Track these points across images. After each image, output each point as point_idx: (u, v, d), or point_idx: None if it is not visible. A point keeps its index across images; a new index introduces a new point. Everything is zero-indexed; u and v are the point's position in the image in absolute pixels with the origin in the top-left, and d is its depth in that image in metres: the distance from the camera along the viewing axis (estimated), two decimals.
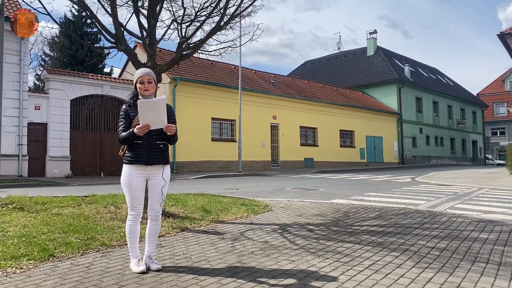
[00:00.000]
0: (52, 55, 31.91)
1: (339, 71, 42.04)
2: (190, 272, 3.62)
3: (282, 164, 25.93)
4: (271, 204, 7.97)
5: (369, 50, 41.07)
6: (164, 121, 3.54)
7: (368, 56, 40.76)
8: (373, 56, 40.23)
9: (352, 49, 45.62)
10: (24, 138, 16.14)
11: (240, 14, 7.21)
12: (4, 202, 6.63)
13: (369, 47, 41.17)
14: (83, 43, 7.25)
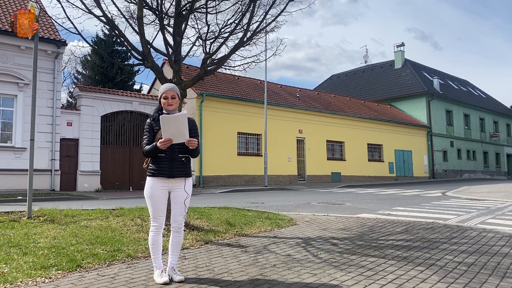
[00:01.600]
0: (84, 73, 33.03)
1: (366, 84, 41.71)
2: (212, 284, 3.65)
3: (309, 179, 25.75)
4: (296, 218, 7.93)
5: (396, 63, 40.64)
6: (185, 135, 3.63)
7: (395, 69, 40.32)
8: (401, 69, 39.76)
9: (380, 62, 45.27)
10: (57, 153, 16.68)
11: (263, 30, 7.32)
12: (36, 215, 6.87)
13: (396, 60, 40.75)
14: (113, 61, 7.51)
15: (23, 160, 15.69)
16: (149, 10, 6.88)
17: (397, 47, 41.09)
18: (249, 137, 23.27)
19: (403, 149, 32.97)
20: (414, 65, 40.63)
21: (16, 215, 6.91)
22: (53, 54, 16.92)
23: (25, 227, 5.96)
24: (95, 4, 6.43)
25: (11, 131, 15.99)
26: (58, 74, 17.19)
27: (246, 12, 6.95)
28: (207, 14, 7.02)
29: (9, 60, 15.98)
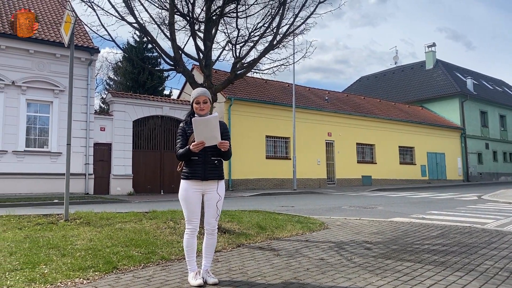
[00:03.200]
0: (116, 79, 33.87)
1: (397, 86, 40.97)
2: (245, 287, 3.64)
3: (338, 182, 25.47)
4: (327, 222, 7.85)
5: (427, 64, 39.75)
6: (217, 137, 3.66)
7: (427, 70, 39.44)
8: (433, 70, 38.86)
9: (410, 63, 44.36)
10: (91, 158, 17.14)
11: (293, 32, 7.30)
12: (72, 217, 7.07)
13: (427, 60, 39.86)
14: (145, 66, 7.66)
15: (58, 164, 16.20)
16: (180, 16, 6.98)
17: (428, 47, 40.21)
18: (278, 140, 23.23)
19: (435, 152, 32.16)
20: (446, 65, 39.63)
21: (54, 217, 7.14)
22: (87, 61, 17.43)
23: (63, 229, 6.13)
24: (128, 11, 6.58)
25: (47, 136, 16.55)
26: (91, 81, 17.68)
27: (275, 15, 6.96)
28: (237, 19, 7.07)
29: (45, 68, 16.56)
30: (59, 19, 18.43)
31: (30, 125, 16.29)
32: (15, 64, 15.90)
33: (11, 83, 15.69)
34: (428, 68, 39.46)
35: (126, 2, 6.56)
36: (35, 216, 7.37)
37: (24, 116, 15.99)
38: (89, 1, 6.50)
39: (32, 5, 19.01)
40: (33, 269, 4.04)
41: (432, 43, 40.24)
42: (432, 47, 39.98)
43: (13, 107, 15.76)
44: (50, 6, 19.71)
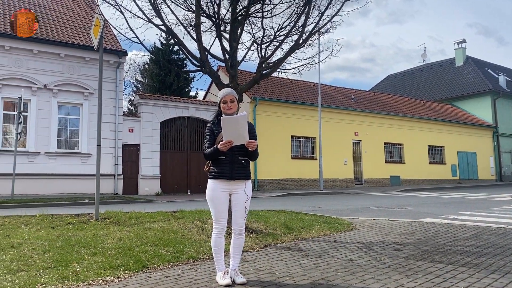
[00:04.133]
0: (143, 81, 34.48)
1: (425, 84, 40.09)
2: (274, 287, 3.63)
3: (366, 182, 25.12)
4: (355, 223, 7.75)
5: (457, 61, 38.71)
6: (245, 137, 3.66)
7: (456, 67, 38.42)
8: (463, 67, 37.82)
9: (439, 60, 43.33)
10: (119, 159, 17.48)
11: (319, 31, 7.24)
12: (103, 217, 7.23)
13: (457, 57, 38.83)
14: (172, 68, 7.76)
15: (88, 165, 16.60)
16: (206, 17, 7.03)
17: (457, 44, 39.17)
18: (303, 140, 23.11)
19: (466, 151, 31.29)
20: (477, 62, 38.50)
21: (85, 217, 7.31)
22: (115, 64, 17.79)
23: (94, 228, 6.27)
24: (155, 14, 6.67)
25: (78, 138, 16.98)
26: (119, 83, 18.04)
27: (301, 14, 6.92)
28: (262, 18, 7.07)
29: (75, 71, 17.00)
30: (88, 23, 18.89)
31: (61, 127, 16.75)
32: (46, 68, 16.38)
33: (43, 86, 16.18)
34: (458, 65, 38.43)
35: (153, 4, 6.65)
36: (67, 215, 7.56)
37: (55, 118, 16.46)
38: (117, 5, 6.62)
39: (63, 10, 19.55)
40: (66, 267, 4.14)
41: (462, 39, 39.21)
42: (461, 44, 38.92)
43: (45, 109, 16.25)
44: (80, 11, 20.23)
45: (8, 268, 4.05)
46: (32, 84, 16.00)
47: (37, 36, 16.20)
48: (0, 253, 4.64)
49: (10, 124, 15.68)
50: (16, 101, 14.30)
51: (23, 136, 15.15)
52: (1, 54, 15.59)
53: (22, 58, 15.98)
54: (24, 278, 3.75)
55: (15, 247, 4.92)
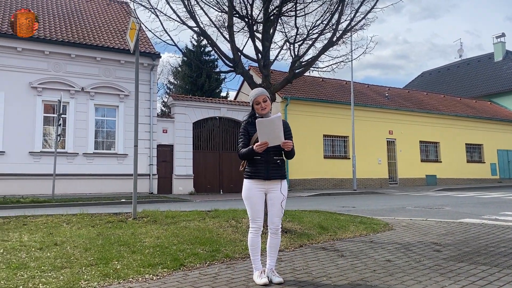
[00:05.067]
0: (176, 83, 35.03)
1: (462, 80, 38.84)
2: (311, 287, 3.60)
3: (401, 182, 24.58)
4: (392, 223, 7.59)
5: (496, 56, 37.29)
6: (281, 137, 3.64)
7: (495, 62, 37.01)
8: (502, 62, 36.39)
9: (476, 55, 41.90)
10: (154, 159, 17.83)
11: (353, 28, 7.14)
12: (140, 216, 7.39)
13: (496, 52, 37.40)
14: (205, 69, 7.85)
15: (124, 165, 17.02)
16: (238, 18, 7.06)
17: (496, 38, 37.73)
18: (336, 139, 22.86)
19: (507, 149, 30.07)
20: None
21: (123, 216, 7.49)
22: (149, 67, 18.16)
23: (132, 227, 6.42)
24: (189, 16, 6.76)
25: (114, 139, 17.43)
26: (153, 85, 18.41)
27: (334, 12, 6.84)
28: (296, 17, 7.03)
29: (111, 74, 17.46)
30: (123, 27, 19.37)
31: (98, 128, 17.25)
32: (84, 71, 16.91)
33: (80, 89, 16.71)
34: (497, 60, 37.02)
35: (187, 7, 6.75)
36: (105, 214, 7.77)
37: (92, 120, 16.97)
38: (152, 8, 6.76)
39: (98, 15, 20.13)
40: (107, 265, 4.26)
41: (501, 33, 37.73)
42: (501, 38, 37.47)
43: (83, 112, 16.77)
44: (114, 15, 20.78)
45: (53, 265, 4.20)
46: (70, 87, 16.55)
47: (75, 40, 16.75)
48: (45, 251, 4.82)
49: (50, 126, 16.28)
50: (56, 104, 14.84)
51: (62, 137, 15.70)
52: (41, 59, 16.21)
53: (60, 62, 16.56)
54: (67, 275, 3.88)
55: (58, 245, 5.10)
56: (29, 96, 15.86)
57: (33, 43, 15.90)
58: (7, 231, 6.06)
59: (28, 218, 7.24)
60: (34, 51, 16.03)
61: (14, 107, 15.49)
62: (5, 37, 15.40)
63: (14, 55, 15.74)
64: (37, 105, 15.98)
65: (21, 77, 15.78)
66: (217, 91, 31.62)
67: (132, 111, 16.61)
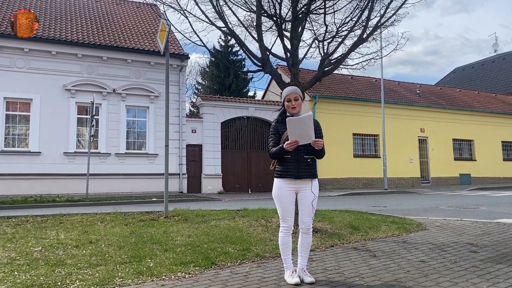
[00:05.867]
0: (204, 83, 35.38)
1: (497, 75, 37.52)
2: (344, 287, 3.56)
3: (433, 181, 23.99)
4: (425, 223, 7.42)
5: None
6: (311, 136, 3.62)
7: None
8: None
9: None
10: (184, 159, 18.07)
11: (383, 24, 7.01)
12: (171, 214, 7.50)
13: None
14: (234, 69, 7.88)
15: (155, 165, 17.32)
16: (267, 17, 7.05)
17: None
18: (366, 138, 22.53)
19: None
20: None
21: (155, 214, 7.63)
22: (178, 68, 18.40)
23: (163, 225, 6.52)
24: (217, 16, 6.81)
25: (144, 139, 17.77)
26: (182, 86, 18.65)
27: (364, 8, 6.74)
28: (325, 15, 6.96)
29: (142, 76, 17.79)
30: (153, 29, 19.70)
31: (129, 129, 17.61)
32: (115, 73, 17.30)
33: (112, 91, 17.10)
34: None
35: (216, 7, 6.79)
36: (138, 213, 7.93)
37: (124, 121, 17.34)
38: (182, 9, 6.84)
39: (128, 17, 20.55)
40: (140, 263, 4.34)
41: None
42: None
43: (115, 113, 17.17)
44: (144, 17, 21.16)
45: (88, 262, 4.31)
46: (103, 89, 16.97)
47: (106, 43, 17.16)
48: (80, 248, 4.95)
49: (83, 127, 16.74)
50: (88, 106, 15.25)
51: (95, 138, 16.13)
52: (74, 62, 16.69)
53: (93, 65, 17.00)
54: (103, 272, 3.97)
55: (93, 243, 5.24)
56: (63, 98, 16.36)
57: (66, 46, 16.40)
58: (45, 229, 6.27)
59: (64, 216, 7.46)
60: (67, 54, 16.52)
61: (49, 109, 16.01)
62: (40, 41, 15.93)
63: (49, 59, 16.27)
64: (71, 106, 16.46)
65: (56, 79, 16.29)
66: (244, 90, 31.76)
67: (162, 112, 16.92)
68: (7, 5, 17.80)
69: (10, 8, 17.56)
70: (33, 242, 5.27)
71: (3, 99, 15.49)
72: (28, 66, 15.98)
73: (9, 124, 15.72)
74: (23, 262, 4.29)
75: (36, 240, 5.41)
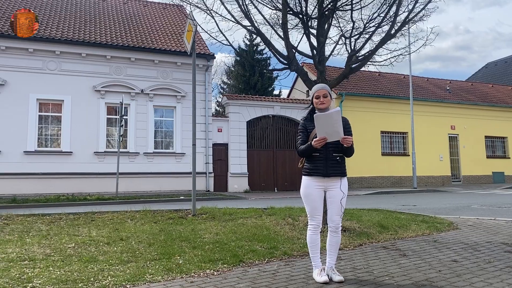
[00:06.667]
0: (229, 82, 35.55)
1: None
2: (374, 287, 3.51)
3: (465, 179, 23.37)
4: (456, 222, 7.24)
5: None
6: (340, 133, 3.57)
7: None
8: None
9: None
10: (210, 158, 18.21)
11: (412, 20, 6.87)
12: (199, 213, 7.58)
13: None
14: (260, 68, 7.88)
15: (182, 164, 17.54)
16: (292, 15, 7.03)
17: None
18: (394, 136, 22.15)
19: None
20: None
21: (182, 212, 7.73)
22: (204, 68, 18.55)
23: (191, 223, 6.60)
24: (243, 15, 6.83)
25: (172, 138, 18.01)
26: (208, 85, 18.80)
27: (392, 4, 6.62)
28: (352, 11, 6.88)
29: (169, 76, 18.03)
30: (179, 30, 19.93)
31: (157, 128, 17.89)
32: (143, 74, 17.60)
33: (140, 91, 17.40)
34: None
35: (241, 6, 6.81)
36: (166, 211, 8.05)
37: (152, 121, 17.62)
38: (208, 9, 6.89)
39: (155, 19, 20.85)
40: (169, 260, 4.40)
41: None
42: None
43: (143, 113, 17.47)
44: (170, 18, 21.43)
45: (120, 259, 4.41)
46: (131, 89, 17.29)
47: (134, 44, 17.47)
48: (112, 245, 5.07)
49: (113, 127, 17.11)
50: (117, 106, 15.56)
51: (124, 138, 16.45)
52: (103, 63, 17.07)
53: (121, 66, 17.34)
54: (133, 269, 4.05)
55: (124, 240, 5.35)
56: (93, 99, 16.76)
57: (96, 48, 16.79)
58: (77, 226, 6.45)
59: (96, 214, 7.65)
60: (97, 56, 16.91)
61: (79, 110, 16.43)
62: (71, 44, 16.37)
63: (79, 61, 16.69)
64: (101, 107, 16.85)
65: (86, 81, 16.71)
66: (269, 89, 31.74)
67: (188, 112, 17.11)
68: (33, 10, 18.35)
69: (42, 12, 18.10)
70: (66, 239, 5.43)
71: (36, 101, 15.99)
72: (59, 68, 16.44)
73: (42, 125, 16.22)
74: (57, 258, 4.42)
75: (69, 237, 5.56)
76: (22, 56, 15.93)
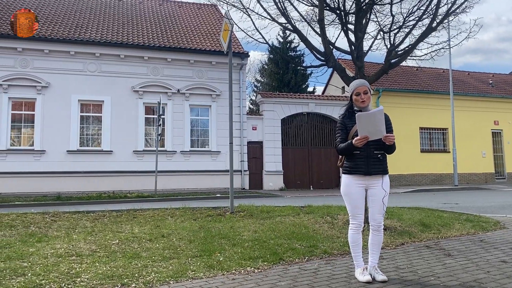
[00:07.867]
0: (262, 80, 35.55)
1: None
2: (419, 287, 3.43)
3: (509, 177, 22.40)
4: (503, 221, 6.96)
5: None
6: (382, 131, 3.51)
7: None
8: None
9: None
10: (245, 156, 18.29)
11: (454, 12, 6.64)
12: (237, 210, 7.63)
13: None
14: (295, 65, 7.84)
15: (218, 162, 17.71)
16: (329, 10, 6.94)
17: None
18: (433, 132, 21.51)
19: None
20: None
21: (221, 210, 7.81)
22: (238, 66, 18.64)
23: (230, 221, 6.66)
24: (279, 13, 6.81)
25: (207, 137, 18.22)
26: (242, 84, 18.88)
27: None
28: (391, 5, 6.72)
29: (204, 75, 18.24)
30: (213, 29, 20.12)
31: (193, 127, 18.14)
32: (179, 74, 17.88)
33: (176, 91, 17.70)
34: None
35: (277, 3, 6.79)
36: (205, 208, 8.16)
37: (188, 120, 17.89)
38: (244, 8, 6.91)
39: (190, 19, 21.14)
40: (210, 257, 4.46)
41: None
42: None
43: (179, 112, 17.76)
44: (205, 18, 21.66)
45: (162, 255, 4.50)
46: (168, 89, 17.60)
47: (170, 45, 17.78)
48: (154, 242, 5.18)
49: (150, 127, 17.49)
50: (155, 106, 15.86)
51: (162, 137, 16.78)
52: (141, 64, 17.46)
53: (158, 67, 17.69)
54: (175, 265, 4.13)
55: (165, 237, 5.46)
56: (132, 99, 17.18)
57: (134, 49, 17.20)
58: (120, 223, 6.64)
59: (137, 211, 7.85)
60: (135, 57, 17.32)
61: (119, 110, 16.89)
62: (110, 46, 16.84)
63: (118, 62, 17.15)
64: (139, 107, 17.25)
65: (124, 82, 17.15)
66: (303, 86, 31.52)
67: (224, 110, 17.26)
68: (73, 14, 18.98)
69: (83, 16, 18.72)
70: (110, 235, 5.59)
71: (77, 102, 16.56)
72: (99, 70, 16.95)
73: (83, 125, 16.79)
74: (102, 254, 4.57)
75: (113, 233, 5.73)
76: (64, 58, 16.52)
